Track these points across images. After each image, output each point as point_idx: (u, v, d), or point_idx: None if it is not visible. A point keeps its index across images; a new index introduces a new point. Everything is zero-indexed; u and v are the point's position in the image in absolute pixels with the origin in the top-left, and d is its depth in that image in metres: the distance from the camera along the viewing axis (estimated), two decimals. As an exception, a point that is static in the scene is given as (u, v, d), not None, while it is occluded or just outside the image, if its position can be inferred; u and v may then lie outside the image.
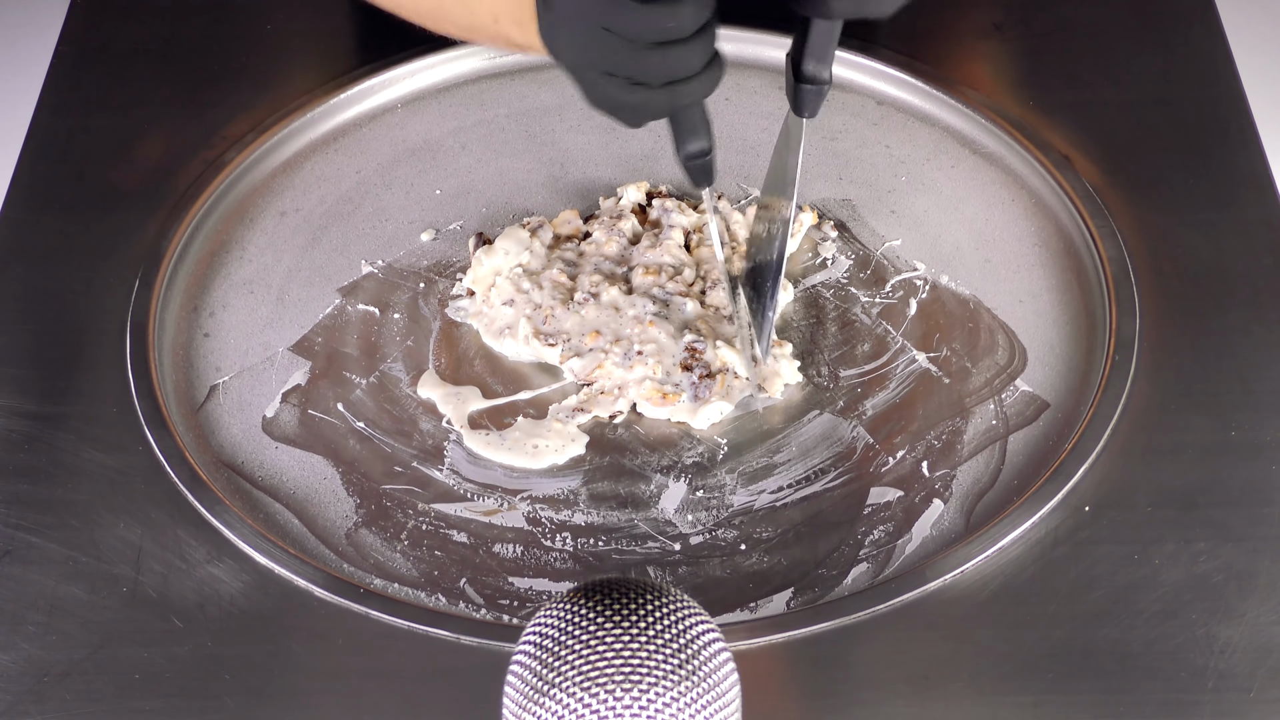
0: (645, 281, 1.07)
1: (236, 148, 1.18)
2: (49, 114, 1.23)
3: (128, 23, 1.29)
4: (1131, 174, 1.15)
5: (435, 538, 0.98)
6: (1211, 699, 0.88)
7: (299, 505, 1.00)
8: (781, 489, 1.00)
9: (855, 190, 1.17)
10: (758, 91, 1.24)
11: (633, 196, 1.14)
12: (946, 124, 1.20)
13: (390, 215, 1.16)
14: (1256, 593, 0.92)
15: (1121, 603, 0.92)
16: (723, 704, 0.73)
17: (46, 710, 0.89)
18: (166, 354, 1.07)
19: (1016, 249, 1.12)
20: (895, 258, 1.12)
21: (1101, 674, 0.89)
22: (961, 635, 0.92)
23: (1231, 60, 1.22)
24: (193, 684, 0.91)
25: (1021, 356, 1.06)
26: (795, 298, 1.10)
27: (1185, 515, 0.96)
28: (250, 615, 0.93)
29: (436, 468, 1.01)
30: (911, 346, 1.07)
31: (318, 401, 1.05)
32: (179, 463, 1.00)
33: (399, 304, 1.11)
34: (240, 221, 1.16)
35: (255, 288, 1.12)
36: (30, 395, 1.04)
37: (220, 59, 1.26)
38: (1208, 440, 1.00)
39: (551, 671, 0.72)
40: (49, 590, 0.94)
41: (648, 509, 0.99)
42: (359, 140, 1.21)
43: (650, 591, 0.74)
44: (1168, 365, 1.04)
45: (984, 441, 1.01)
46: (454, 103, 1.24)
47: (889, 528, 0.98)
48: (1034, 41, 1.26)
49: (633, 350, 1.04)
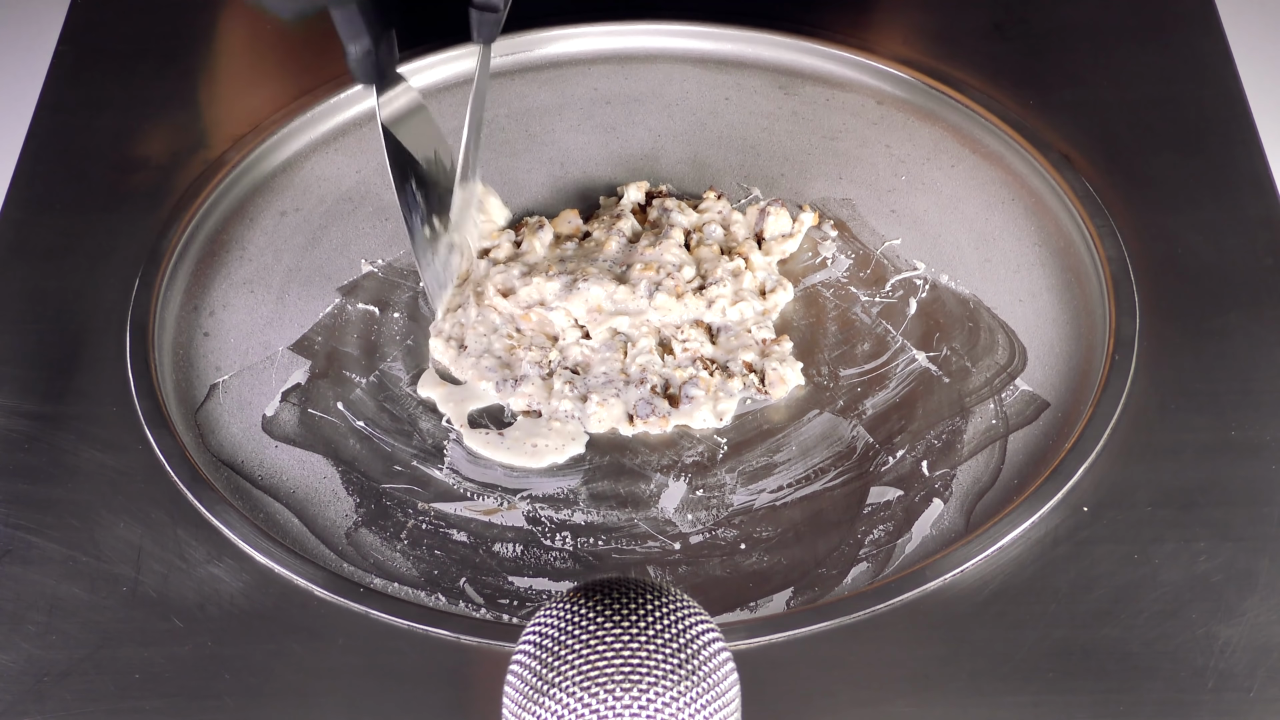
0: (644, 277, 1.07)
1: (236, 148, 1.18)
2: (49, 114, 1.23)
3: (128, 23, 1.30)
4: (1131, 174, 1.15)
5: (435, 537, 0.98)
6: (1211, 699, 0.88)
7: (299, 505, 1.00)
8: (781, 488, 1.00)
9: (855, 190, 1.17)
10: (758, 91, 1.24)
11: (633, 196, 1.14)
12: (946, 124, 1.20)
13: (390, 215, 1.16)
14: (1256, 593, 0.92)
15: (1121, 603, 0.92)
16: (723, 704, 0.73)
17: (46, 710, 0.89)
18: (166, 354, 1.07)
19: (1016, 249, 1.12)
20: (895, 257, 1.12)
21: (1101, 674, 0.89)
22: (961, 635, 0.92)
23: (1231, 60, 1.22)
24: (193, 684, 0.91)
25: (1021, 356, 1.06)
26: (795, 297, 1.10)
27: (1185, 515, 0.96)
28: (250, 615, 0.93)
29: (436, 467, 1.01)
30: (911, 346, 1.07)
31: (318, 401, 1.05)
32: (179, 462, 1.00)
33: (399, 304, 1.11)
34: (240, 221, 1.16)
35: (255, 287, 1.12)
36: (30, 395, 1.04)
37: (220, 59, 1.26)
38: (1208, 440, 1.00)
39: (551, 671, 0.72)
40: (49, 590, 0.94)
41: (648, 508, 0.99)
42: (359, 140, 1.22)
43: (650, 591, 0.74)
44: (1168, 365, 1.04)
45: (984, 441, 1.01)
46: (454, 103, 1.24)
47: (889, 527, 0.98)
48: (1034, 41, 1.26)
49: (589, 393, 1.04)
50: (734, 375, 1.04)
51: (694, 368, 1.04)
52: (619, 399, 1.03)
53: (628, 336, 1.06)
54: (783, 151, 1.20)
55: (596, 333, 1.06)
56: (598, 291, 1.06)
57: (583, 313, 1.06)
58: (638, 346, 1.05)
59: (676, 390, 1.04)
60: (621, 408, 1.03)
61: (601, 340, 1.06)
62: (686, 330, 1.06)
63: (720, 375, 1.04)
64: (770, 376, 1.04)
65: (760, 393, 1.04)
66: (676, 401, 1.03)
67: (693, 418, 1.03)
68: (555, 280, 1.07)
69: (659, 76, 1.25)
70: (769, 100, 1.23)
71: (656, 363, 1.04)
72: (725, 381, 1.04)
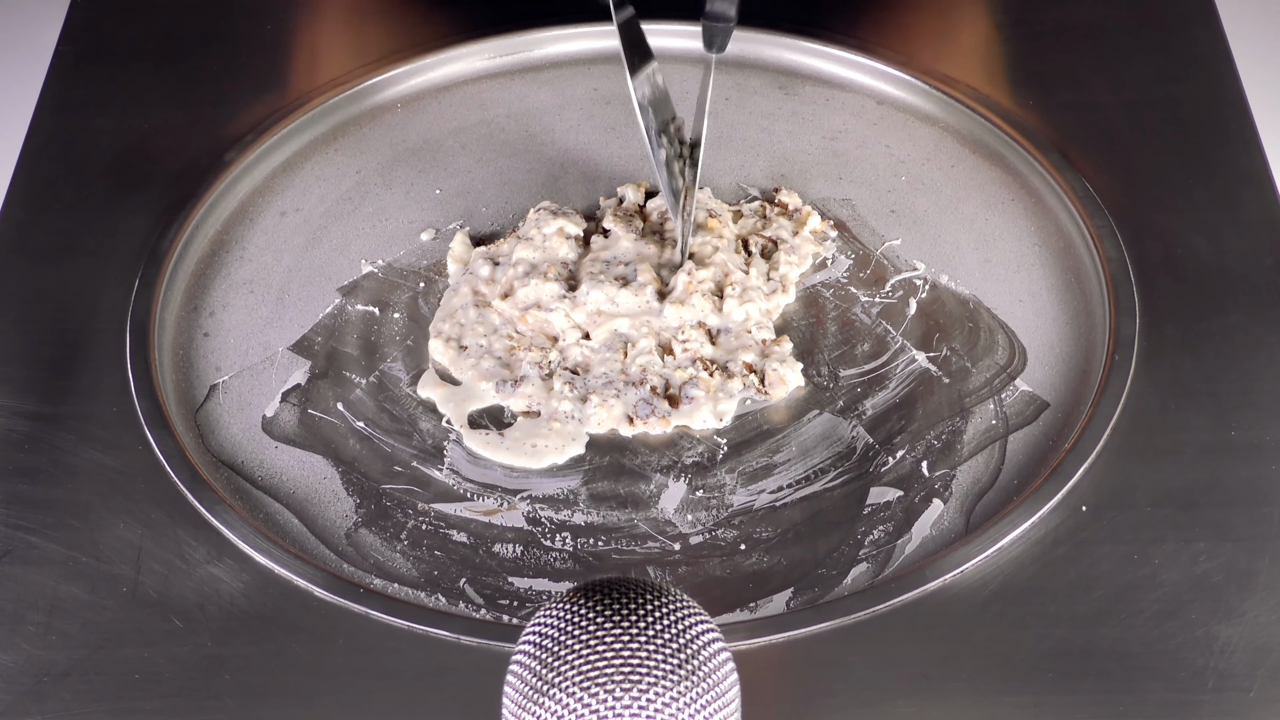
0: (645, 278, 1.07)
1: (236, 148, 1.18)
2: (49, 114, 1.23)
3: (128, 23, 1.30)
4: (1131, 174, 1.15)
5: (435, 537, 0.98)
6: (1211, 699, 0.88)
7: (299, 505, 1.00)
8: (781, 489, 1.00)
9: (855, 190, 1.17)
10: (758, 91, 1.24)
11: (632, 197, 1.14)
12: (946, 124, 1.20)
13: (390, 215, 1.16)
14: (1256, 593, 0.92)
15: (1121, 603, 0.92)
16: (723, 704, 0.73)
17: (46, 710, 0.89)
18: (166, 354, 1.07)
19: (1016, 249, 1.12)
20: (895, 257, 1.12)
21: (1101, 674, 0.89)
22: (961, 635, 0.92)
23: (1231, 60, 1.22)
24: (193, 684, 0.91)
25: (1021, 356, 1.06)
26: (795, 297, 1.10)
27: (1185, 515, 0.96)
28: (250, 615, 0.93)
29: (436, 467, 1.01)
30: (911, 346, 1.07)
31: (318, 401, 1.05)
32: (179, 463, 1.00)
33: (399, 304, 1.11)
34: (240, 221, 1.16)
35: (255, 287, 1.12)
36: (30, 395, 1.04)
37: (220, 59, 1.26)
38: (1208, 440, 1.00)
39: (551, 671, 0.72)
40: (49, 590, 0.94)
41: (648, 509, 0.99)
42: (359, 140, 1.22)
43: (650, 591, 0.74)
44: (1168, 365, 1.04)
45: (984, 441, 1.01)
46: (454, 103, 1.24)
47: (889, 528, 0.98)
48: (1034, 41, 1.26)
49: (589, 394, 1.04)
50: (734, 376, 1.04)
51: (694, 368, 1.04)
52: (619, 399, 1.03)
53: (628, 337, 1.06)
54: (783, 151, 1.20)
55: (596, 334, 1.06)
56: (597, 295, 1.06)
57: (584, 317, 1.06)
58: (638, 347, 1.05)
59: (676, 391, 1.04)
60: (621, 408, 1.03)
61: (601, 341, 1.06)
62: (687, 331, 1.06)
63: (720, 376, 1.04)
64: (770, 377, 1.04)
65: (760, 393, 1.04)
66: (676, 402, 1.03)
67: (693, 418, 1.03)
68: (555, 283, 1.07)
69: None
70: (769, 100, 1.23)
71: (656, 363, 1.04)
72: (725, 382, 1.04)
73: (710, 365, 1.05)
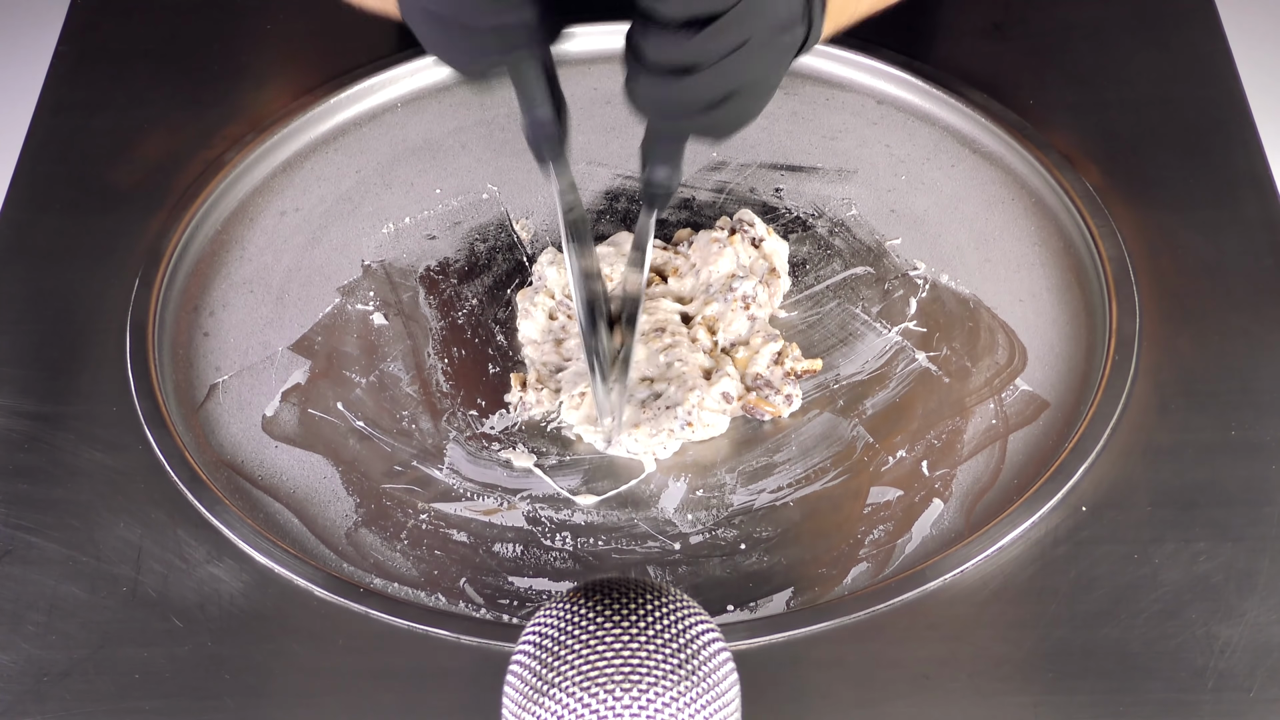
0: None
1: (236, 148, 1.18)
2: (49, 114, 1.23)
3: (128, 23, 1.30)
4: (1131, 174, 1.15)
5: (435, 537, 0.98)
6: (1211, 699, 0.88)
7: (299, 505, 1.00)
8: (781, 488, 1.00)
9: (855, 190, 1.17)
10: (758, 91, 1.24)
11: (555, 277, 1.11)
12: (946, 124, 1.20)
13: (390, 215, 1.16)
14: (1256, 593, 0.92)
15: (1121, 603, 0.92)
16: (723, 704, 0.73)
17: (46, 710, 0.90)
18: (166, 354, 1.07)
19: (1016, 248, 1.12)
20: (895, 257, 1.12)
21: (1101, 674, 0.89)
22: (961, 635, 0.92)
23: (1231, 60, 1.22)
24: (193, 684, 0.91)
25: (1021, 356, 1.06)
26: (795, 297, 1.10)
27: (1185, 515, 0.96)
28: (250, 615, 0.93)
29: (436, 467, 1.01)
30: (911, 346, 1.07)
31: (317, 401, 1.05)
32: (179, 462, 1.00)
33: (399, 304, 1.11)
34: (240, 221, 1.16)
35: (255, 287, 1.12)
36: (30, 395, 1.04)
37: (220, 59, 1.26)
38: (1208, 440, 1.00)
39: (551, 671, 0.72)
40: (49, 590, 0.94)
41: (648, 508, 0.99)
42: (359, 140, 1.22)
43: (650, 591, 0.74)
44: (1168, 365, 1.04)
45: (984, 441, 1.01)
46: (454, 103, 1.24)
47: (889, 527, 0.98)
48: (1034, 41, 1.26)
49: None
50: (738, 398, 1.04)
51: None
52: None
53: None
54: (783, 151, 1.20)
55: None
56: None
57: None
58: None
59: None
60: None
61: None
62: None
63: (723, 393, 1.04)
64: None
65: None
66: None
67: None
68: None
69: (659, 76, 1.25)
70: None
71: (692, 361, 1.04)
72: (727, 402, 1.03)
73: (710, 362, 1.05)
